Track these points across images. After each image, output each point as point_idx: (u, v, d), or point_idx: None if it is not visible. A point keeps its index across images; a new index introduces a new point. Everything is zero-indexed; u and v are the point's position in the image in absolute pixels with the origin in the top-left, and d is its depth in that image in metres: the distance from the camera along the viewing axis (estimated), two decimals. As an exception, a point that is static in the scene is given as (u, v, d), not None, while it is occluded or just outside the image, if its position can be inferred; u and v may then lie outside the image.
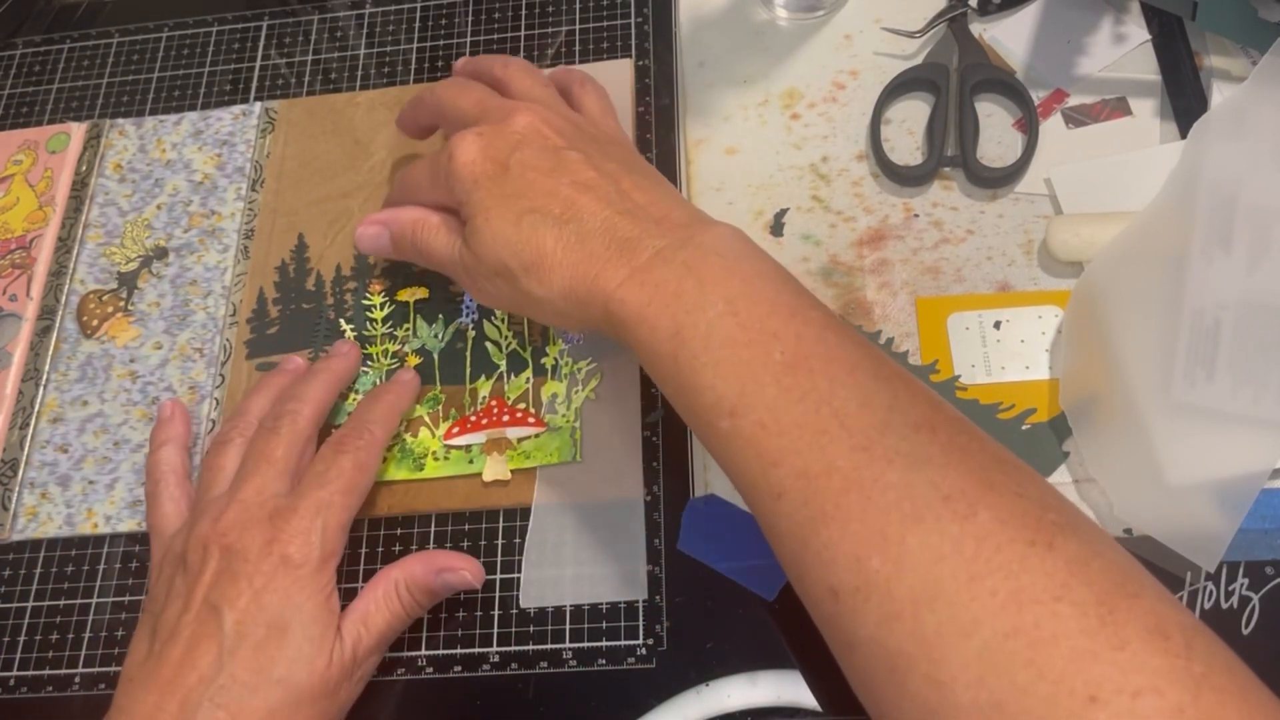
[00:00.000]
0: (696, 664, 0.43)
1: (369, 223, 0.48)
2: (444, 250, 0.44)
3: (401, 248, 0.47)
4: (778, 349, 0.35)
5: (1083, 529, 0.31)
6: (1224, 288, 0.42)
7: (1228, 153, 0.45)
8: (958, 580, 0.29)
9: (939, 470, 0.31)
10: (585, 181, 0.41)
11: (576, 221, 0.39)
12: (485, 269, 0.42)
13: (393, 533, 0.48)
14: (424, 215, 0.46)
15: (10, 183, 0.59)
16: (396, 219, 0.47)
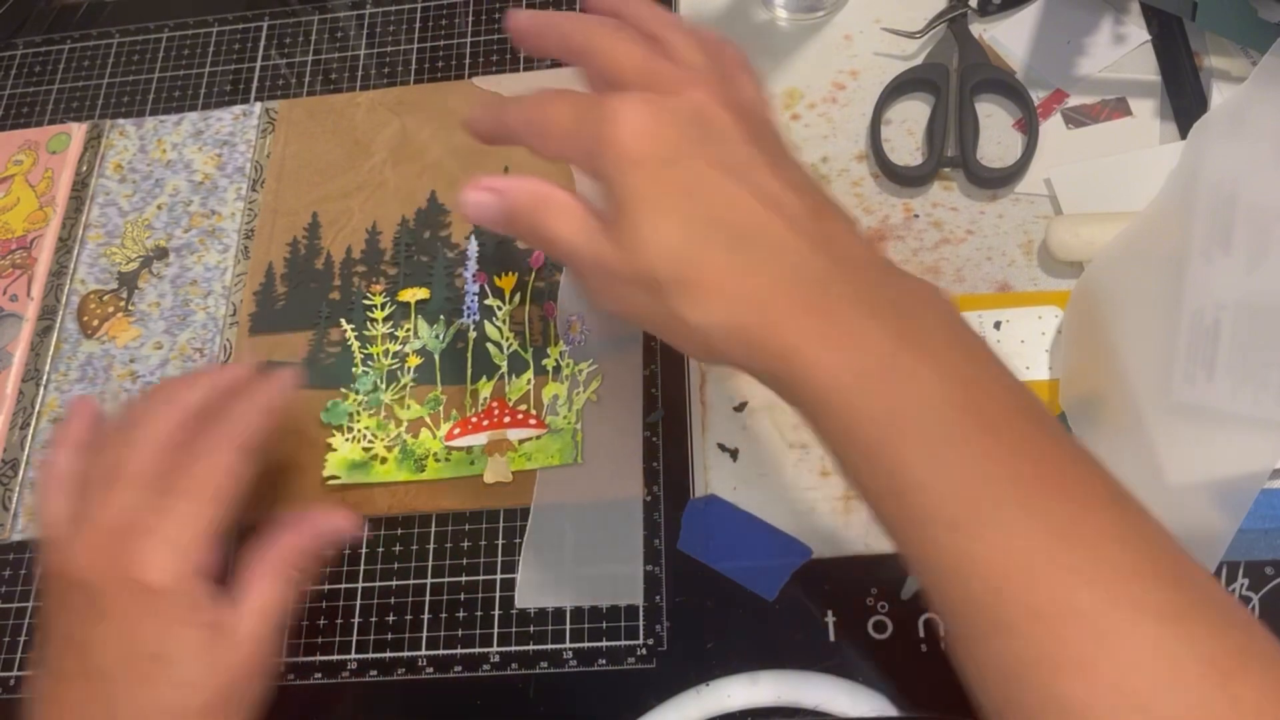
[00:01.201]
0: (696, 664, 0.43)
1: (479, 187, 0.38)
2: (572, 238, 0.35)
3: (515, 223, 0.37)
4: (1026, 462, 0.30)
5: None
6: (1224, 288, 0.42)
7: (1228, 153, 0.45)
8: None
9: (1198, 631, 0.28)
10: (772, 194, 0.33)
11: (760, 245, 0.32)
12: (627, 273, 0.33)
13: (393, 533, 0.48)
14: (548, 190, 0.36)
15: (11, 183, 0.59)
16: (513, 188, 0.37)
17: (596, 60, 0.37)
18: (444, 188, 0.56)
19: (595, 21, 0.38)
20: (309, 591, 0.46)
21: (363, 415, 0.50)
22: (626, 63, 0.36)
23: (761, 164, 0.34)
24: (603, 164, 0.34)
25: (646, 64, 0.36)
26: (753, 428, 0.47)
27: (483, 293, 0.52)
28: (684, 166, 0.33)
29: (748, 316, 0.32)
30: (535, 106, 0.37)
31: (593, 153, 0.34)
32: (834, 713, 0.41)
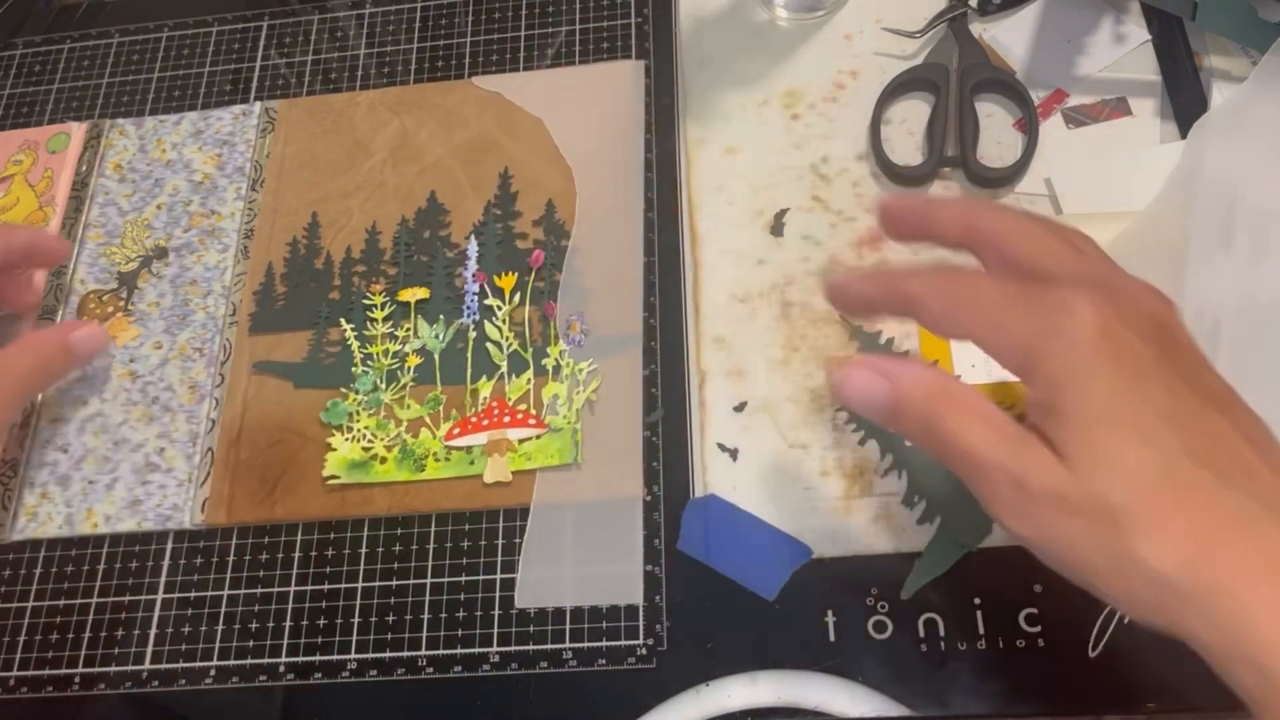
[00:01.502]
0: (696, 664, 0.43)
1: (865, 367, 0.33)
2: (985, 449, 0.30)
3: (904, 418, 0.32)
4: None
5: None
6: (1224, 288, 0.42)
7: (1228, 153, 0.45)
8: None
9: None
10: (1248, 430, 0.29)
11: (1250, 490, 0.28)
12: (1070, 497, 0.28)
13: (393, 533, 0.48)
14: (949, 382, 0.32)
15: (10, 183, 0.59)
16: (908, 377, 0.32)
17: (1009, 245, 0.33)
18: (444, 188, 0.56)
19: (990, 204, 0.34)
20: (308, 591, 0.46)
21: (362, 415, 0.50)
22: (1050, 254, 0.32)
23: (1230, 394, 0.31)
24: (1050, 363, 0.29)
25: (1078, 259, 0.32)
26: (753, 428, 0.47)
27: (483, 292, 0.52)
28: (1157, 382, 0.29)
29: (1216, 573, 0.27)
30: (949, 279, 0.32)
31: (1034, 348, 0.30)
32: (834, 713, 0.41)
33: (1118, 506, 0.28)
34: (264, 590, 0.47)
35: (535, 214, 0.54)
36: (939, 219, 0.35)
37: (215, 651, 0.46)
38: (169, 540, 0.49)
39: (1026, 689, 0.41)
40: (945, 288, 0.32)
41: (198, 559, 0.49)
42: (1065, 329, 0.29)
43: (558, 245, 0.53)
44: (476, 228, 0.54)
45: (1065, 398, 0.29)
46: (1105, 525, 0.28)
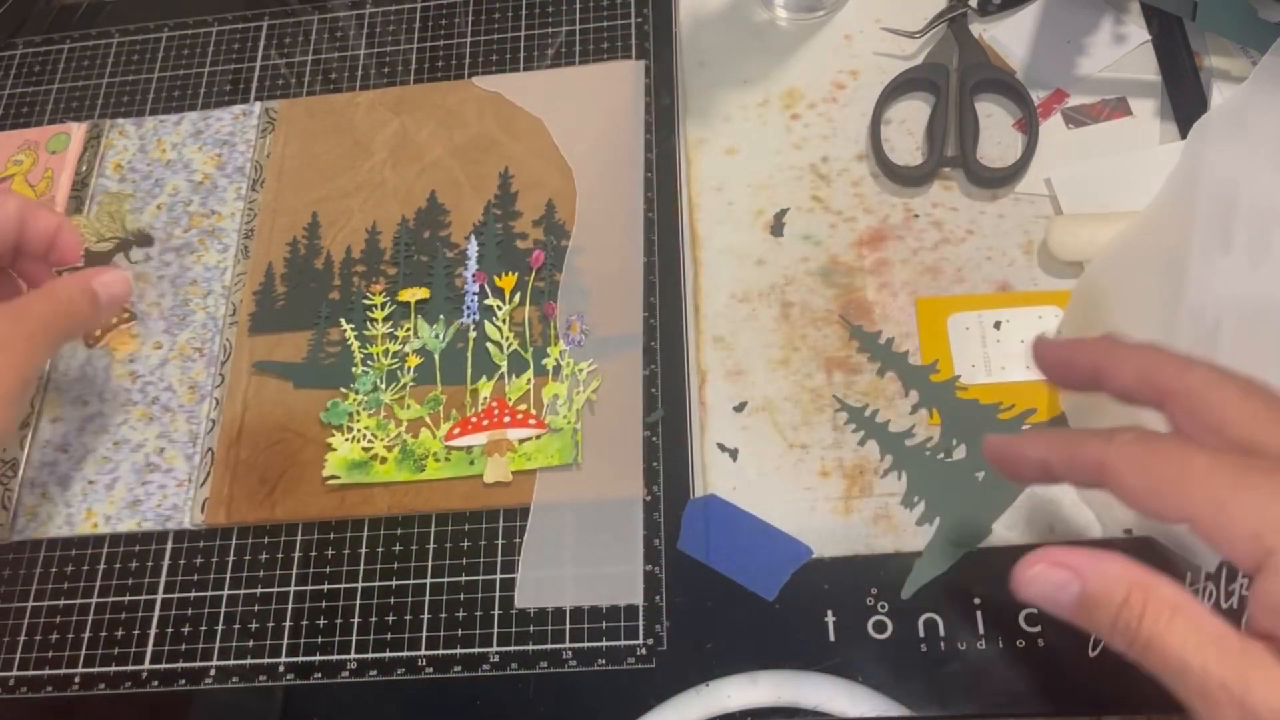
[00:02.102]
0: (696, 664, 0.43)
1: (1051, 561, 0.30)
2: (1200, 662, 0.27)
3: (1096, 617, 0.29)
4: None
5: None
6: (1224, 288, 0.42)
7: (1228, 153, 0.45)
8: None
9: None
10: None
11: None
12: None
13: (393, 533, 0.48)
14: (1150, 579, 0.28)
15: (10, 183, 0.59)
16: (1098, 573, 0.29)
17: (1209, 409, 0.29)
18: (444, 187, 0.56)
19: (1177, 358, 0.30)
20: (309, 591, 0.46)
21: (362, 415, 0.50)
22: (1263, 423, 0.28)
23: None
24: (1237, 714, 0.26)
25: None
26: (753, 428, 0.47)
27: (483, 292, 0.52)
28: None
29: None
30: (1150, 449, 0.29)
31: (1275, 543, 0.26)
32: (834, 713, 0.41)
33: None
34: (264, 590, 0.47)
35: (535, 214, 0.54)
36: (1117, 371, 0.31)
37: (215, 651, 0.46)
38: (169, 540, 0.49)
39: (1026, 689, 0.41)
40: (1147, 459, 0.28)
41: (198, 559, 0.49)
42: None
43: (558, 245, 0.53)
44: (476, 228, 0.54)
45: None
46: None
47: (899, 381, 0.47)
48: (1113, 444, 0.29)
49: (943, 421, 0.46)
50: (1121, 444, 0.29)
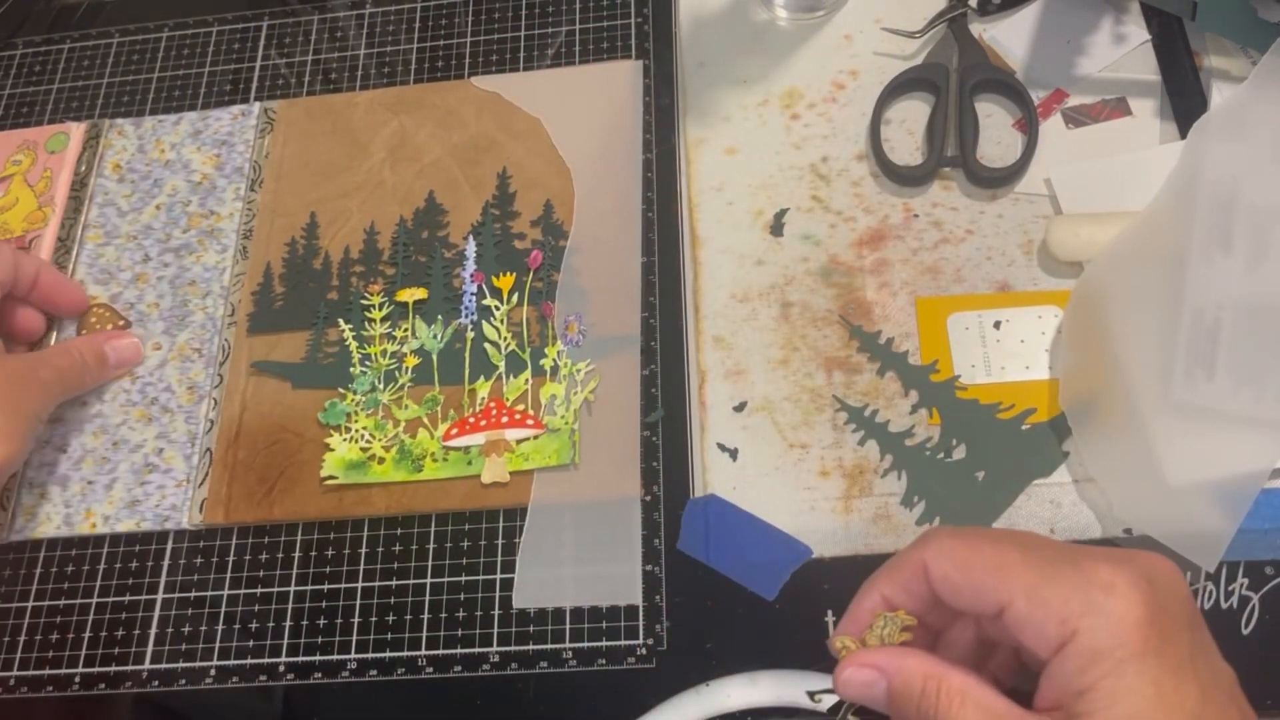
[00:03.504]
0: (696, 664, 0.43)
1: (859, 664, 0.33)
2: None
3: (904, 710, 0.32)
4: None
5: None
6: (1224, 288, 0.42)
7: (1228, 153, 0.45)
8: None
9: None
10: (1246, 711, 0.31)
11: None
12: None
13: (392, 532, 0.48)
14: (943, 670, 0.31)
15: (9, 183, 0.59)
16: (901, 668, 0.32)
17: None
18: (442, 188, 0.56)
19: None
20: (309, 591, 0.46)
21: (360, 415, 0.50)
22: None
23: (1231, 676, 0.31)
24: (1090, 642, 0.29)
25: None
26: (753, 428, 0.47)
27: (480, 293, 0.52)
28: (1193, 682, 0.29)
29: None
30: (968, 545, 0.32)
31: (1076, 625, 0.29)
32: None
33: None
34: (264, 590, 0.47)
35: (533, 214, 0.54)
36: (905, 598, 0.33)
37: (215, 651, 0.46)
38: (168, 540, 0.49)
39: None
40: (966, 555, 0.31)
41: (197, 559, 0.49)
42: (1111, 610, 0.28)
43: (556, 245, 0.53)
44: (475, 228, 0.54)
45: (1099, 687, 0.28)
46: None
47: (899, 381, 0.47)
48: (930, 545, 0.32)
49: (943, 421, 0.46)
50: (939, 541, 0.32)
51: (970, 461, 0.45)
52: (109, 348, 0.52)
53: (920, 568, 0.32)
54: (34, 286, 0.52)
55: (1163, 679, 0.28)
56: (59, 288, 0.53)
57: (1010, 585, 0.30)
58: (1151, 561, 0.30)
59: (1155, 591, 0.29)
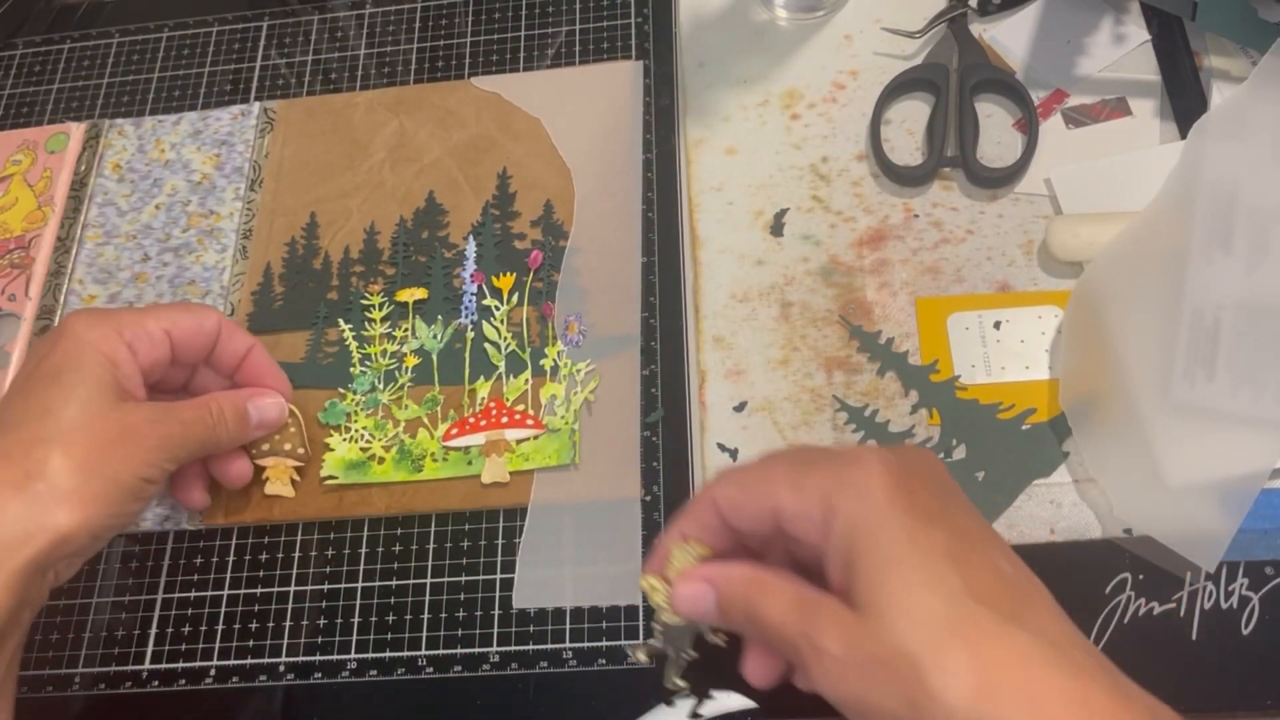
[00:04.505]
0: (696, 664, 0.43)
1: (690, 578, 0.35)
2: (788, 622, 0.32)
3: (730, 614, 0.35)
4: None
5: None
6: (1224, 288, 0.42)
7: (1228, 153, 0.45)
8: None
9: None
10: (1020, 567, 0.32)
11: (1033, 631, 0.30)
12: (867, 647, 0.30)
13: (392, 532, 0.48)
14: (759, 573, 0.34)
15: (9, 183, 0.59)
16: (725, 576, 0.35)
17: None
18: (442, 188, 0.56)
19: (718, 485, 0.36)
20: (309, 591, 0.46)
21: (360, 415, 0.50)
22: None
23: (993, 533, 0.33)
24: (846, 512, 0.31)
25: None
26: (753, 428, 0.47)
27: (480, 293, 0.52)
28: (941, 528, 0.31)
29: (1026, 711, 0.28)
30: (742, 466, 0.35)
31: (833, 500, 0.32)
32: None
33: (911, 651, 0.29)
34: (264, 590, 0.47)
35: (533, 214, 0.54)
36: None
37: (215, 651, 0.46)
38: (169, 540, 0.49)
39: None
40: (740, 473, 0.35)
41: (197, 559, 0.49)
42: (859, 480, 0.31)
43: (556, 245, 0.53)
44: (475, 228, 0.54)
45: (860, 546, 0.31)
46: (901, 671, 0.29)
47: (899, 381, 0.47)
48: (715, 480, 0.36)
49: (943, 421, 0.46)
50: (722, 475, 0.36)
51: (970, 461, 0.45)
52: (252, 405, 0.46)
53: (711, 502, 0.35)
54: (240, 366, 0.47)
55: (914, 528, 0.31)
56: (268, 371, 0.48)
57: (778, 487, 0.33)
58: (903, 447, 0.34)
59: (903, 462, 0.32)
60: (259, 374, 0.48)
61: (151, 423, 0.42)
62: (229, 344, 0.46)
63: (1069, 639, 0.30)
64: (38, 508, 0.38)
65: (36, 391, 0.41)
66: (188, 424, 0.43)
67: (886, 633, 0.30)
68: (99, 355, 0.41)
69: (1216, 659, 0.41)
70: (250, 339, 0.47)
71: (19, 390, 0.41)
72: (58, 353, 0.42)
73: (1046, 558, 0.43)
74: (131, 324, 0.43)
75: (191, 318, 0.45)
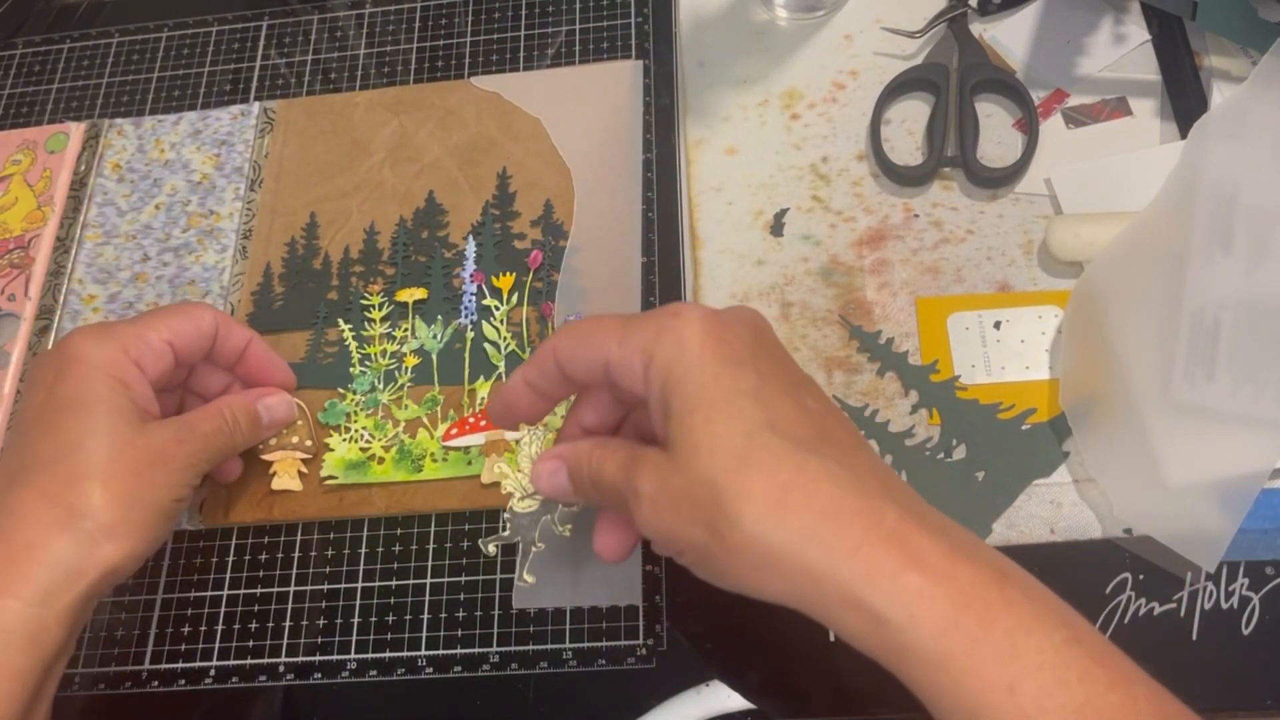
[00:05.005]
0: (696, 664, 0.43)
1: (545, 458, 0.38)
2: (617, 475, 0.34)
3: (579, 482, 0.37)
4: (1142, 701, 0.29)
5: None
6: (1224, 288, 0.42)
7: (1228, 153, 0.45)
8: None
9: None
10: (828, 408, 0.34)
11: (829, 457, 0.31)
12: (677, 484, 0.32)
13: (392, 532, 0.48)
14: (599, 441, 0.36)
15: (9, 182, 0.59)
16: (572, 450, 0.37)
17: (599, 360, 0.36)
18: (442, 188, 0.56)
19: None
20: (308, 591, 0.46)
21: (360, 415, 0.50)
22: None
23: (811, 383, 0.35)
24: (663, 360, 0.33)
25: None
26: (752, 428, 0.47)
27: (480, 293, 0.52)
28: (750, 369, 0.33)
29: (821, 539, 0.30)
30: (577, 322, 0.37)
31: (652, 350, 0.33)
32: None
33: (710, 480, 0.31)
34: (264, 590, 0.47)
35: (533, 214, 0.54)
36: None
37: (215, 651, 0.46)
38: (169, 540, 0.49)
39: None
40: (574, 327, 0.36)
41: (197, 559, 0.49)
42: (677, 330, 0.33)
43: (555, 245, 0.53)
44: (474, 228, 0.54)
45: (670, 391, 0.33)
46: (703, 500, 0.31)
47: (899, 381, 0.47)
48: (555, 333, 0.38)
49: (943, 421, 0.46)
50: (561, 329, 0.38)
51: (970, 461, 0.45)
52: (261, 406, 0.47)
53: (551, 351, 0.36)
54: (240, 359, 0.47)
55: (720, 371, 0.32)
56: (269, 363, 0.48)
57: (607, 340, 0.35)
58: (730, 307, 0.35)
59: (720, 316, 0.34)
60: (260, 366, 0.48)
61: (177, 442, 0.42)
62: (228, 340, 0.46)
63: (867, 466, 0.32)
64: (87, 545, 0.38)
65: (60, 425, 0.40)
66: (208, 436, 0.44)
67: (689, 467, 0.31)
68: (112, 380, 0.41)
69: (1217, 659, 0.41)
70: (248, 332, 0.47)
71: (38, 422, 0.41)
72: (69, 380, 0.41)
73: (1046, 558, 0.43)
74: (135, 340, 0.42)
75: (189, 322, 0.44)
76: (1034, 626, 0.29)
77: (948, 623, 0.29)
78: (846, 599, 0.29)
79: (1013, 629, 0.29)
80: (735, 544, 0.30)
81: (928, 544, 0.30)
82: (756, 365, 0.33)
